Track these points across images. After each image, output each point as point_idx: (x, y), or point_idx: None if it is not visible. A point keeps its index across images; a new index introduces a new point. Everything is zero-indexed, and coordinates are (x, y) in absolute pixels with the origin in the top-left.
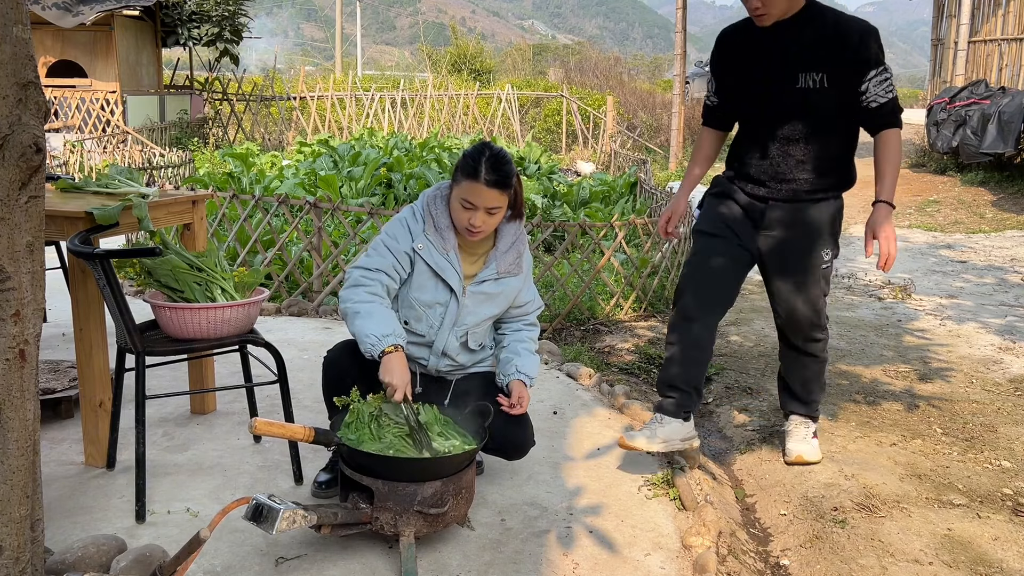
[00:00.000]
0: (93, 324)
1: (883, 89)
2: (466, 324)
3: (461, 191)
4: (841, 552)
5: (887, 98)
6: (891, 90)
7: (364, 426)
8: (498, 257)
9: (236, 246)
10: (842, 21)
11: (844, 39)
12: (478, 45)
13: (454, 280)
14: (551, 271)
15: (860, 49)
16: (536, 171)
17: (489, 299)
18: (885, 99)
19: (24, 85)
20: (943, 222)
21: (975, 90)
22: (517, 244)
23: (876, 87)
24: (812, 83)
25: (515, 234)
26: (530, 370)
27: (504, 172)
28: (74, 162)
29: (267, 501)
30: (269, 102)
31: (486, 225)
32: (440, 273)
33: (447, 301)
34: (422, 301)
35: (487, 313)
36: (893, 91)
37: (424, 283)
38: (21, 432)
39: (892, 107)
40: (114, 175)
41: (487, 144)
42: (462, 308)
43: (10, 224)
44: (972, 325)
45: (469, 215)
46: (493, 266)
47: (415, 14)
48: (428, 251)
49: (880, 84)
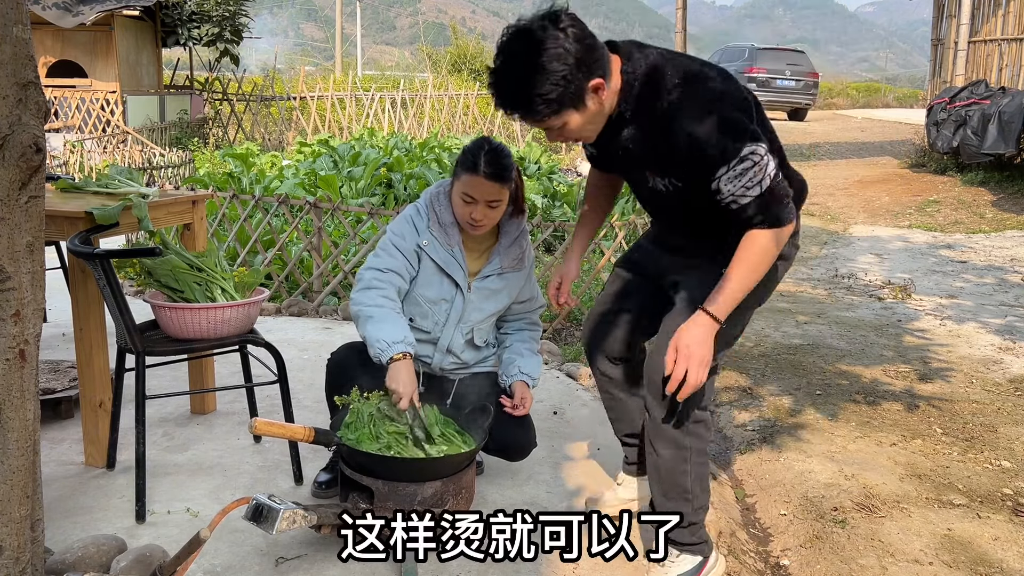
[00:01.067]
0: (93, 324)
1: (740, 186)
2: (471, 320)
3: (462, 185)
4: (841, 552)
5: (748, 198)
6: (754, 183)
7: (364, 426)
8: (501, 252)
9: (236, 246)
10: (672, 116)
11: (671, 144)
12: (478, 45)
13: (459, 275)
14: (551, 271)
15: (692, 152)
16: (536, 171)
17: (493, 295)
18: (746, 199)
19: (24, 85)
20: (943, 222)
21: (975, 90)
22: (520, 239)
23: (730, 184)
24: (663, 186)
25: (518, 229)
26: (532, 371)
27: (503, 165)
28: (74, 162)
29: (267, 501)
30: (269, 102)
31: (487, 219)
32: (445, 269)
33: (452, 297)
34: (427, 297)
35: (492, 309)
36: (760, 184)
37: (429, 279)
38: (21, 432)
39: (758, 206)
40: (114, 175)
41: (486, 139)
42: (467, 304)
43: (10, 224)
44: (972, 325)
45: (470, 209)
46: (497, 261)
47: (415, 14)
48: (433, 247)
49: (735, 180)
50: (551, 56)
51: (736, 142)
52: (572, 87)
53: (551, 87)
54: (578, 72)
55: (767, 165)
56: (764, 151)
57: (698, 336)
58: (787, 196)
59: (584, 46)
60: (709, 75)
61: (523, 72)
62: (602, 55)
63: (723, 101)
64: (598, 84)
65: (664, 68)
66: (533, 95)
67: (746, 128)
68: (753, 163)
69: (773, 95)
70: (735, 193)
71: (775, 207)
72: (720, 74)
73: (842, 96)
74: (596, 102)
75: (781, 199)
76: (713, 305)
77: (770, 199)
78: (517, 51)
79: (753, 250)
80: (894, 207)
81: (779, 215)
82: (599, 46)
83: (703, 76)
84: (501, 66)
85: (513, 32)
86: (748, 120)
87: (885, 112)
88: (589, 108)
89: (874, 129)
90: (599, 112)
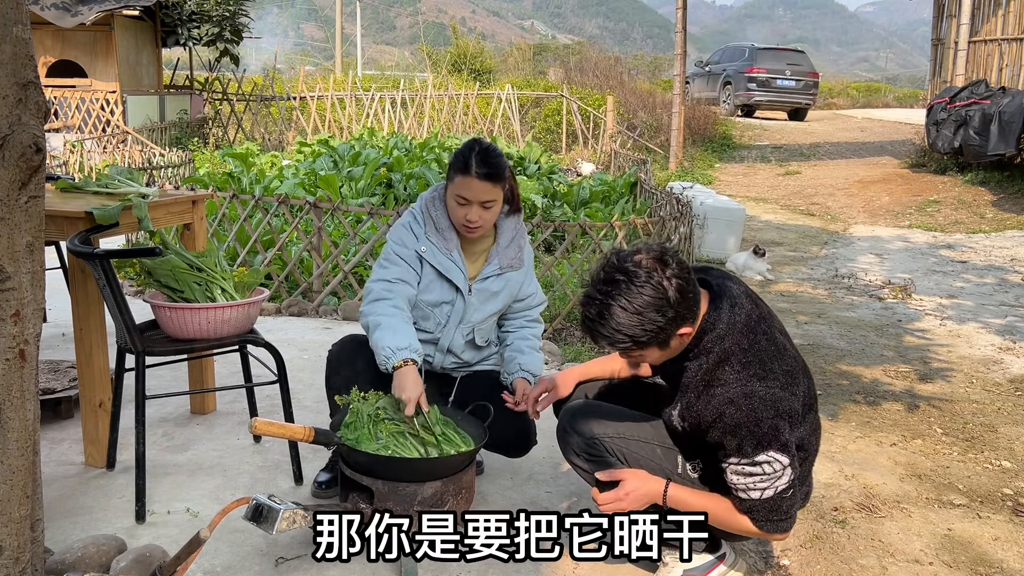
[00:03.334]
0: (93, 324)
1: (745, 483)
2: (472, 321)
3: (455, 187)
4: (841, 552)
5: (750, 496)
6: (758, 487)
7: (364, 426)
8: (500, 252)
9: (236, 246)
10: (716, 385)
11: (701, 409)
12: (478, 45)
13: (459, 279)
14: (551, 271)
15: (715, 428)
16: (536, 171)
17: (494, 295)
18: (747, 496)
19: (24, 85)
20: (943, 222)
21: (975, 90)
22: (517, 238)
23: (736, 476)
24: (679, 426)
25: (515, 228)
26: (534, 368)
27: (494, 164)
28: (74, 162)
29: (267, 501)
30: (269, 102)
31: (483, 220)
32: (446, 274)
33: (453, 300)
34: (429, 302)
35: (492, 309)
36: (765, 491)
37: (430, 284)
38: (21, 432)
39: (758, 506)
40: (114, 175)
41: (477, 140)
42: (468, 306)
43: (10, 224)
44: (972, 325)
45: (465, 211)
46: (496, 262)
47: (415, 14)
48: (432, 253)
49: (742, 476)
50: (650, 306)
51: (756, 447)
52: (663, 335)
53: (643, 332)
54: (672, 324)
55: (780, 478)
56: (784, 465)
57: (645, 492)
58: (791, 510)
59: (684, 297)
60: (772, 373)
61: (619, 313)
62: (696, 301)
63: (768, 404)
64: (686, 333)
65: (739, 345)
66: (625, 335)
67: (776, 438)
68: (764, 472)
69: (773, 95)
70: (738, 485)
71: (774, 516)
72: (786, 376)
73: (842, 96)
74: (679, 343)
75: (782, 512)
76: (675, 490)
77: (771, 507)
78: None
79: (734, 517)
80: (894, 207)
81: (776, 525)
82: (695, 292)
83: (765, 373)
84: (598, 297)
85: (616, 266)
86: (785, 429)
87: (885, 112)
88: (671, 347)
89: (874, 129)
90: (678, 348)
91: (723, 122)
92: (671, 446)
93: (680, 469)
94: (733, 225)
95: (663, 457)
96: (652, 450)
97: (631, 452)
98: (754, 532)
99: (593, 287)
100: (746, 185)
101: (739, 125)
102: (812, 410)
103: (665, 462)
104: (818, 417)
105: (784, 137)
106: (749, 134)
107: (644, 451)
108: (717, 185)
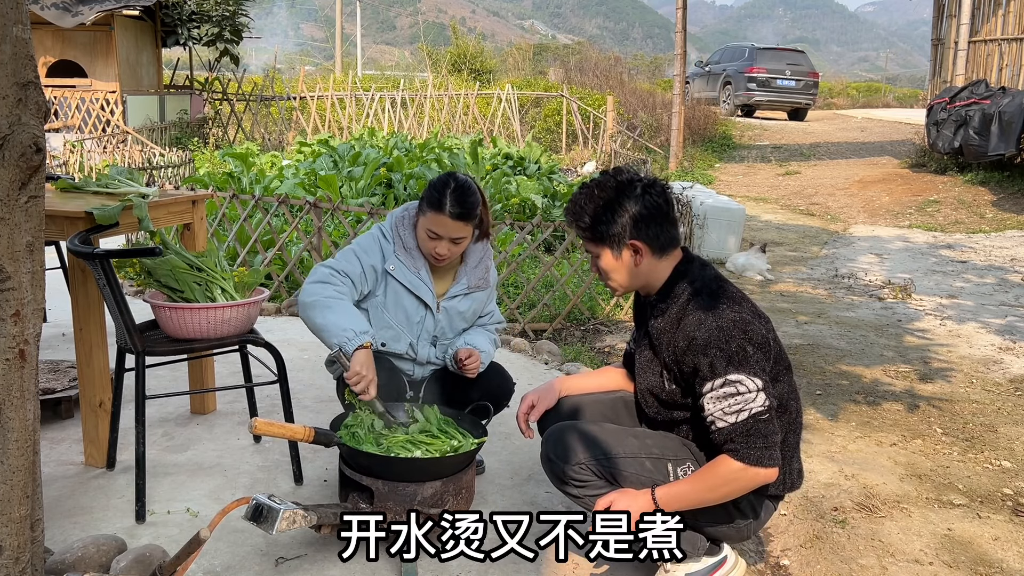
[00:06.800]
0: (93, 324)
1: (720, 408)
2: (441, 336)
3: (427, 222)
4: (841, 552)
5: (726, 422)
6: (734, 411)
7: (364, 428)
8: (468, 273)
9: (236, 246)
10: (688, 314)
11: (676, 339)
12: (478, 45)
13: (427, 296)
14: (551, 271)
15: (688, 354)
16: (536, 171)
17: (461, 313)
18: (724, 423)
19: (24, 85)
20: (943, 222)
21: (975, 90)
22: (484, 260)
23: (712, 404)
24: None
25: (482, 251)
26: (478, 343)
27: (468, 204)
28: (74, 162)
29: (267, 501)
30: (269, 102)
31: (451, 253)
32: (414, 290)
33: (423, 317)
34: (398, 319)
35: (460, 326)
36: (739, 413)
37: (399, 301)
38: (21, 432)
39: (735, 433)
40: (114, 175)
41: (452, 175)
42: (437, 323)
43: (10, 224)
44: (972, 325)
45: (435, 244)
46: (464, 281)
47: (415, 14)
48: (400, 271)
49: (718, 401)
50: (617, 201)
51: (728, 365)
52: (613, 231)
53: (598, 219)
54: (628, 227)
55: (753, 400)
56: (754, 387)
57: (637, 509)
58: (769, 437)
59: (649, 215)
60: (742, 305)
61: (591, 194)
62: (660, 235)
63: (738, 325)
64: (637, 247)
65: (708, 287)
66: (583, 212)
67: (745, 360)
68: (737, 392)
69: (773, 95)
70: (715, 414)
71: (753, 440)
72: (754, 314)
73: (842, 96)
74: (629, 258)
75: (762, 436)
76: (662, 492)
77: (748, 431)
78: (604, 182)
79: (718, 472)
80: (894, 207)
81: (756, 453)
82: (666, 231)
83: (734, 304)
84: (586, 184)
85: (615, 170)
86: (754, 354)
87: (885, 112)
88: (622, 258)
89: (874, 129)
90: (630, 270)
91: (723, 122)
92: (659, 455)
93: (672, 478)
94: (733, 225)
95: (653, 469)
96: (640, 464)
97: (619, 471)
98: (743, 480)
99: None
100: (746, 185)
101: (739, 125)
102: (789, 371)
103: (656, 474)
104: (795, 383)
105: (784, 137)
106: (749, 134)
107: (632, 467)
108: (717, 185)
